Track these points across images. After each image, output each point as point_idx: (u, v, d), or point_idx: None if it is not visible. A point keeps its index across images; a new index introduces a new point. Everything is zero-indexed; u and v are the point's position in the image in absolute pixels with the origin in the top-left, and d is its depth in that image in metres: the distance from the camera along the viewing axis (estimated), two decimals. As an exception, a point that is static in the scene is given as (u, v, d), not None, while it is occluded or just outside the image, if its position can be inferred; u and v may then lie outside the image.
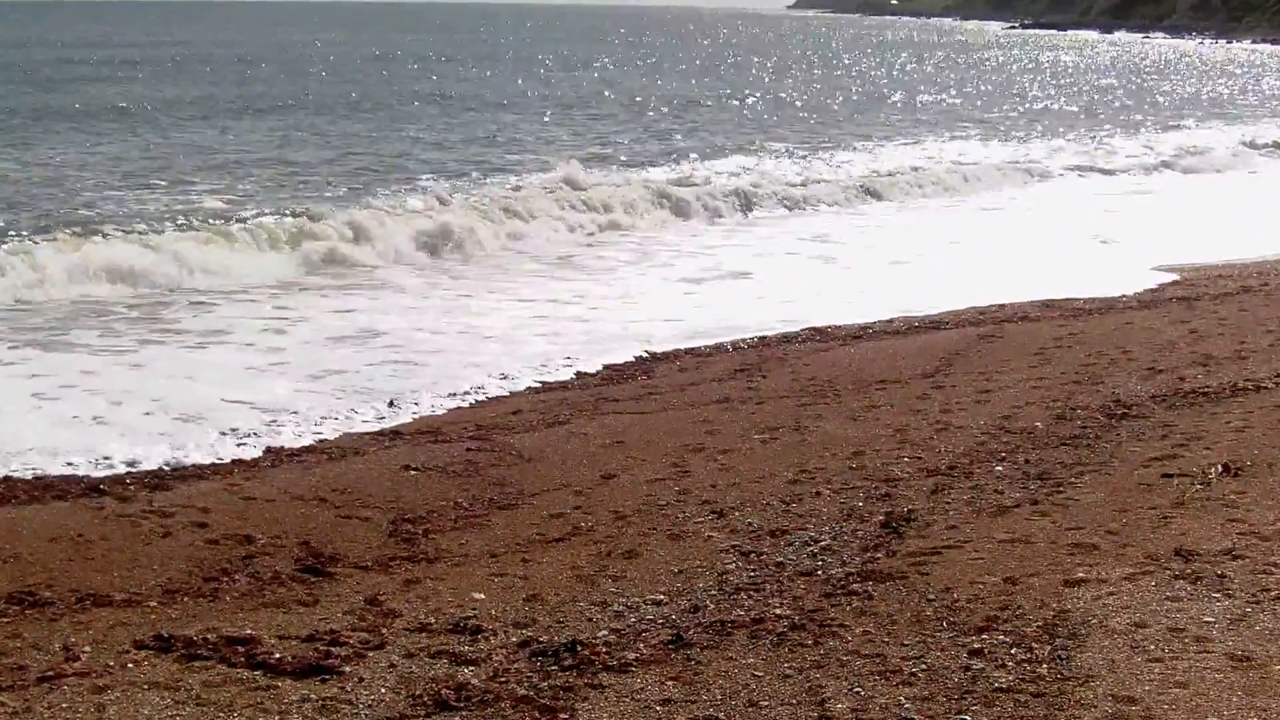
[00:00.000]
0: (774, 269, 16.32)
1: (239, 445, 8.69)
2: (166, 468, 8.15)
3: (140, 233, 16.34)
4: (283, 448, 8.61)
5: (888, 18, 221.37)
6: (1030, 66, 73.85)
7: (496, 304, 13.90)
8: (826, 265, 16.81)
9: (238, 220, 17.54)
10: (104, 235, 16.12)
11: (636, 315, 13.25)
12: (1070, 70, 70.28)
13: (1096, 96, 49.78)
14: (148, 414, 9.40)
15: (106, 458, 8.32)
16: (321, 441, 8.81)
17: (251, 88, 45.41)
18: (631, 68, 66.90)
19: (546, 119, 36.27)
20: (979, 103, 47.02)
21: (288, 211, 18.07)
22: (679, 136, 32.53)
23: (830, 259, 17.23)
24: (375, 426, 9.21)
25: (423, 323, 12.82)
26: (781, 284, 15.13)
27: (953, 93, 52.05)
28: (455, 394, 10.18)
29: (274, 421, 9.27)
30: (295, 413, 9.50)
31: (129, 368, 10.85)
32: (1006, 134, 34.74)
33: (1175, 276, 15.04)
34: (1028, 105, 45.90)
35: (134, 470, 8.08)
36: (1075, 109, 43.96)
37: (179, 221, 17.65)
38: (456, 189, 21.32)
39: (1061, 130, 36.17)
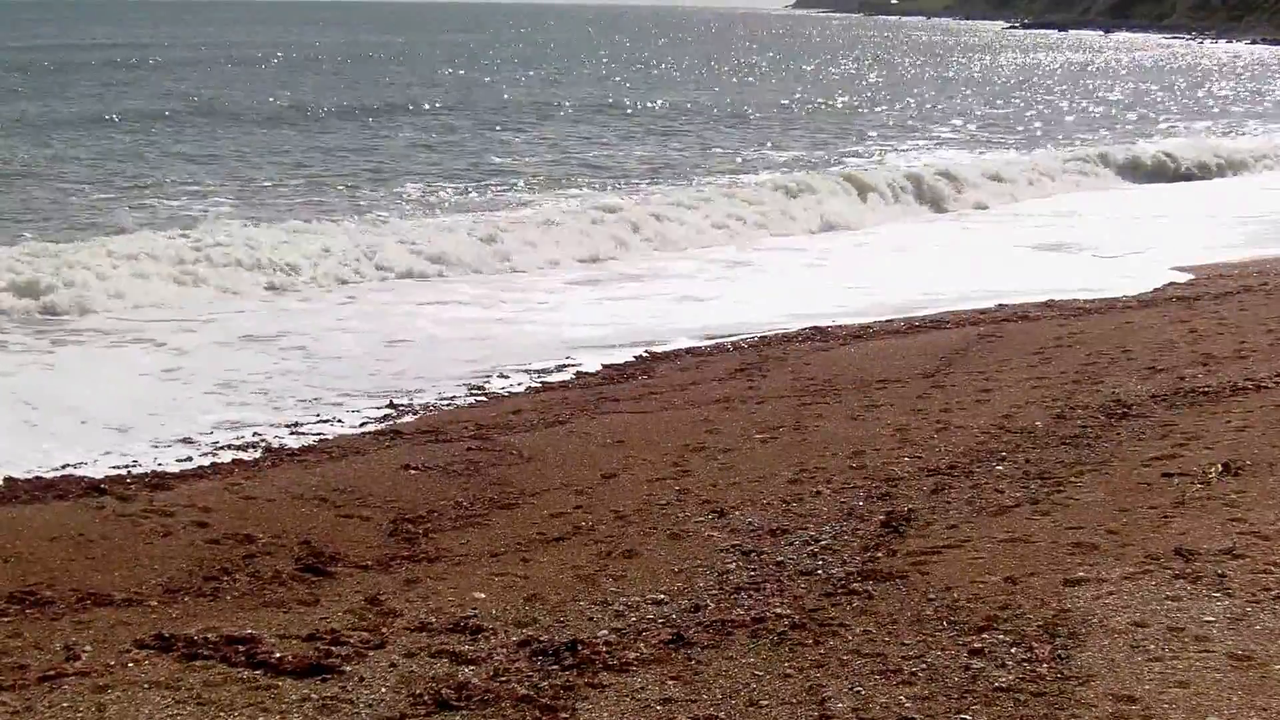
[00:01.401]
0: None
1: (239, 445, 8.70)
2: (167, 467, 8.15)
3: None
4: (283, 447, 8.62)
5: (893, 18, 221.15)
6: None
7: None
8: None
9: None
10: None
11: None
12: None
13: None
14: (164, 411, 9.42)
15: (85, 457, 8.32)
16: (321, 441, 8.81)
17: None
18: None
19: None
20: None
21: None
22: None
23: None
24: (375, 426, 9.21)
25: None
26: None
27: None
28: (456, 395, 10.20)
29: (271, 423, 9.31)
30: (298, 412, 9.53)
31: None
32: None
33: (1190, 277, 15.07)
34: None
35: (134, 470, 8.09)
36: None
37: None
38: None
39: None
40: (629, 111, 40.17)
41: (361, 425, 9.25)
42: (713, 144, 31.55)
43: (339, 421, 9.36)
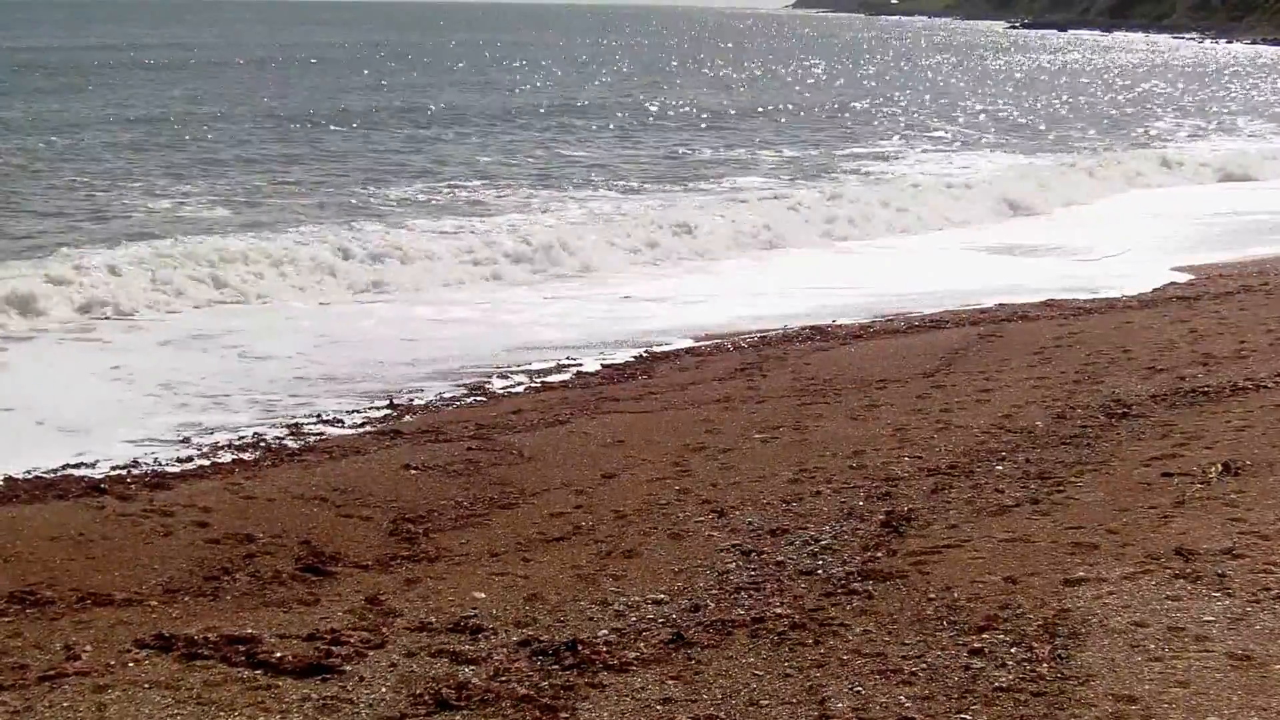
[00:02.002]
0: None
1: (239, 445, 8.69)
2: (167, 467, 8.15)
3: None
4: (283, 447, 8.61)
5: (894, 18, 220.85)
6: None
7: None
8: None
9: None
10: None
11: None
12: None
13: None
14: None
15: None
16: (321, 441, 8.81)
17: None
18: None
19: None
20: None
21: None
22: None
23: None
24: (375, 426, 9.21)
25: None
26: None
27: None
28: (456, 395, 10.19)
29: (275, 420, 9.32)
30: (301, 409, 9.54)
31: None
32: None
33: (1190, 277, 15.06)
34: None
35: (135, 469, 8.09)
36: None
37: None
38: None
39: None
40: (621, 113, 39.90)
41: (361, 425, 9.25)
42: (736, 145, 31.37)
43: (339, 422, 9.35)
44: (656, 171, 26.15)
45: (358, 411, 9.63)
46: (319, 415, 9.50)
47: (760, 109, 42.40)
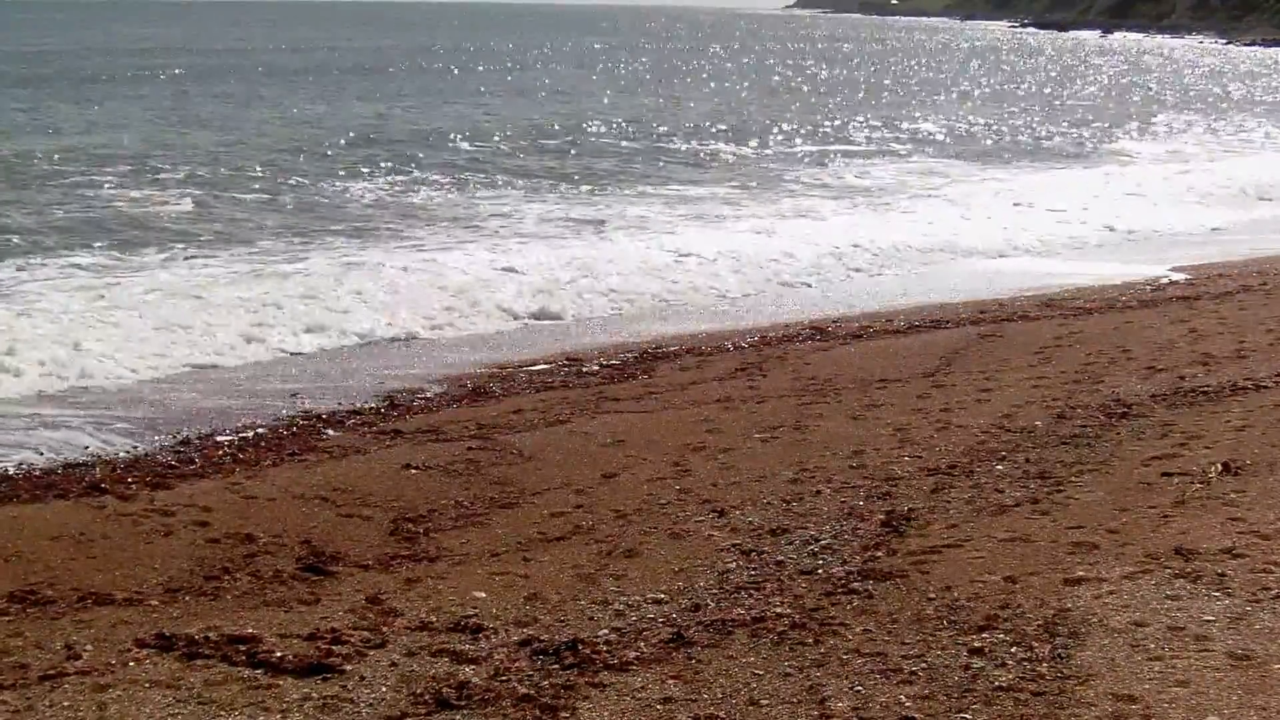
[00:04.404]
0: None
1: (239, 445, 8.69)
2: (168, 466, 8.16)
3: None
4: (283, 446, 8.61)
5: (893, 18, 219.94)
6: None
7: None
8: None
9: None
10: None
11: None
12: None
13: None
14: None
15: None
16: (322, 440, 8.81)
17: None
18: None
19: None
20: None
21: None
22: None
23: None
24: (375, 426, 9.20)
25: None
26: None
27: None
28: (457, 394, 10.19)
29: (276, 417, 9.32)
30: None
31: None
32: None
33: (1190, 277, 15.05)
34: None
35: (135, 468, 8.09)
36: None
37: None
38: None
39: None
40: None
41: (361, 425, 9.24)
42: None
43: (339, 422, 9.35)
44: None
45: (358, 412, 9.62)
46: (319, 415, 9.49)
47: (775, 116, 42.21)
